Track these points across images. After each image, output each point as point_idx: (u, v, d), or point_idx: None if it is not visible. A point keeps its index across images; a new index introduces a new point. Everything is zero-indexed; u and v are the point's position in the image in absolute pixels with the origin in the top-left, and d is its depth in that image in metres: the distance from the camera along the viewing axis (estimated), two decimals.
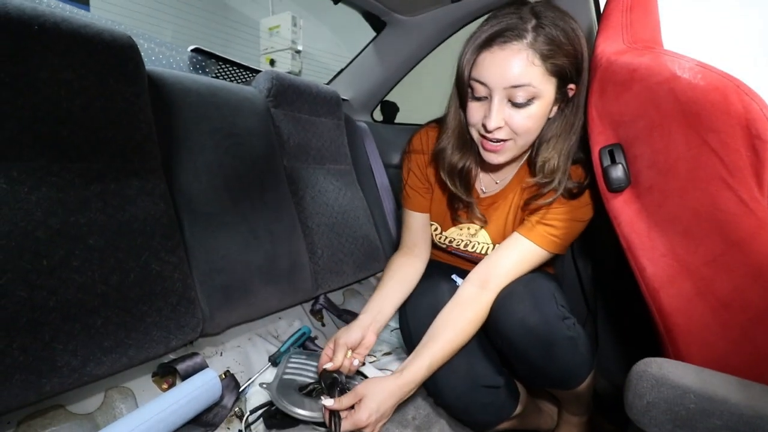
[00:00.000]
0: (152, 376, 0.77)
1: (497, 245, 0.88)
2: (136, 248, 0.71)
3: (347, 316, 1.17)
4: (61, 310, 0.61)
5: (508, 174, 0.89)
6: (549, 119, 0.75)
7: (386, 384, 0.69)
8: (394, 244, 1.39)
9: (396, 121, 1.71)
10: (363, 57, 1.55)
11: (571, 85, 0.72)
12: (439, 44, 1.44)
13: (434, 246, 1.03)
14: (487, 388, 0.76)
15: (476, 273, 0.82)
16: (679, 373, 0.48)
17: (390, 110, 1.69)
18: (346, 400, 0.67)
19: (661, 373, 0.48)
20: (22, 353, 0.56)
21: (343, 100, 1.46)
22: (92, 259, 0.65)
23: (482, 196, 0.92)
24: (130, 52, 0.75)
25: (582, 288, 1.13)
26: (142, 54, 0.79)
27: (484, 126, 0.72)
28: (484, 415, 0.77)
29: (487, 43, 0.69)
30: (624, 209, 0.64)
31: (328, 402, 0.66)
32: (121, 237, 0.70)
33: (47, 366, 0.58)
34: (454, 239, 0.95)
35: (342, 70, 1.62)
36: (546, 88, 0.69)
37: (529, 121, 0.71)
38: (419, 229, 0.98)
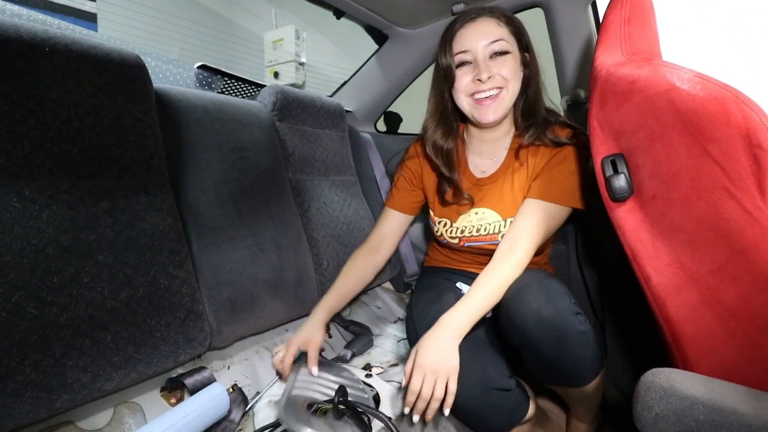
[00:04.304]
0: (161, 391, 0.77)
1: (509, 219, 0.93)
2: (145, 263, 0.72)
3: (354, 328, 1.17)
4: (72, 327, 0.61)
5: (501, 149, 0.98)
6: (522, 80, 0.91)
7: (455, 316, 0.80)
8: (399, 254, 1.39)
9: (399, 131, 1.73)
10: (366, 69, 1.57)
11: (527, 54, 0.90)
12: None
13: (445, 247, 1.06)
14: (499, 391, 0.77)
15: (505, 240, 0.87)
16: (688, 383, 0.47)
17: (393, 121, 1.70)
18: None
19: (670, 384, 0.47)
20: (34, 370, 0.57)
21: (347, 111, 1.48)
22: (102, 275, 0.66)
23: (482, 177, 0.99)
24: (138, 70, 0.77)
25: (589, 297, 1.12)
26: (150, 72, 0.80)
27: (478, 81, 0.86)
28: (496, 418, 0.78)
29: (460, 25, 0.89)
30: (628, 218, 0.64)
31: None
32: (129, 252, 0.71)
33: (58, 382, 0.59)
34: (466, 227, 0.98)
35: (345, 83, 1.64)
36: (513, 45, 0.87)
37: (511, 65, 0.86)
38: (392, 227, 1.09)
